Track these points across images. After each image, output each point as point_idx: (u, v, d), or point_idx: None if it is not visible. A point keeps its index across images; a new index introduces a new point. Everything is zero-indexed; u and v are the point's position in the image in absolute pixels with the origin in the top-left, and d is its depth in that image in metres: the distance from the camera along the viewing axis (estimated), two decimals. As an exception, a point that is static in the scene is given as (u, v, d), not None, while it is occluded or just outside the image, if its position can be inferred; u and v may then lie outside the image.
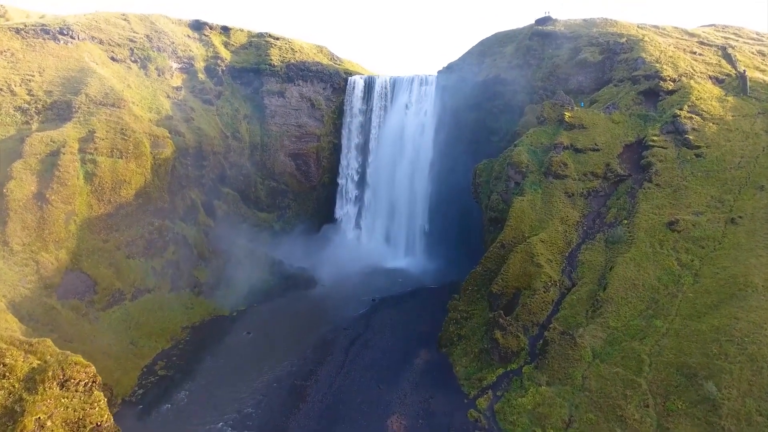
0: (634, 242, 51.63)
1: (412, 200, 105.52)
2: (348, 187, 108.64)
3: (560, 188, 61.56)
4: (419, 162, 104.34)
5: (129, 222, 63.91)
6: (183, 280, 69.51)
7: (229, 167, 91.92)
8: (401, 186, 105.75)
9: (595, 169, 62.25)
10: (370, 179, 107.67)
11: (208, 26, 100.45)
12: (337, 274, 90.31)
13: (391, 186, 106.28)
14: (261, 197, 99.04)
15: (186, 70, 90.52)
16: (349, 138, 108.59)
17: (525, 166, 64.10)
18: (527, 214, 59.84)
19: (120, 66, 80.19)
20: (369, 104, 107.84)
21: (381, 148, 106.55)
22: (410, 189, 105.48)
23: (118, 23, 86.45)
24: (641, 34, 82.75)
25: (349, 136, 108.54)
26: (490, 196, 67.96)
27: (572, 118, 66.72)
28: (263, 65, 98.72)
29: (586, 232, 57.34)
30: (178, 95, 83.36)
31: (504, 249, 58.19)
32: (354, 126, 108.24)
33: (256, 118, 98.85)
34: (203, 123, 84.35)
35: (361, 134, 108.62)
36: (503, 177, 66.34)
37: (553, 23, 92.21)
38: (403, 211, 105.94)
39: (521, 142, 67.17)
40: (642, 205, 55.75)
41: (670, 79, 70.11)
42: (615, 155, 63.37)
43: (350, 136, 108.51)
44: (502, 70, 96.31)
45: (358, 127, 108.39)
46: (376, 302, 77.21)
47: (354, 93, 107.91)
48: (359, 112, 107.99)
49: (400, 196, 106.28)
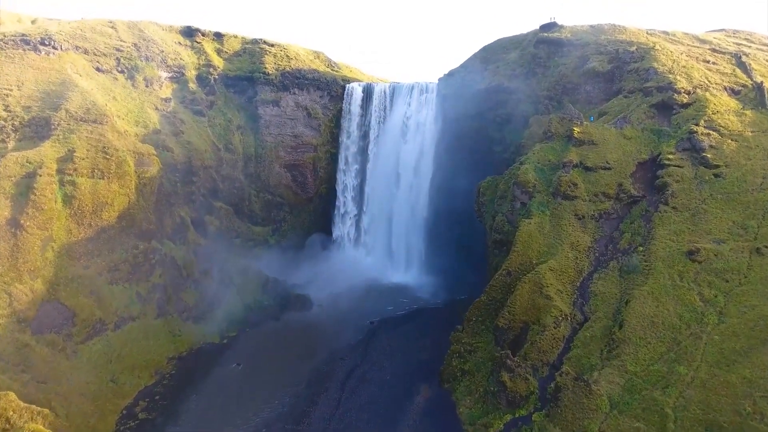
0: (652, 273, 47.90)
1: (412, 212, 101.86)
2: (345, 199, 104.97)
3: (570, 210, 57.83)
4: (420, 172, 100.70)
5: (112, 246, 60.25)
6: (171, 304, 65.86)
7: (222, 180, 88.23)
8: (401, 197, 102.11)
9: (606, 189, 58.51)
10: (369, 189, 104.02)
11: (200, 33, 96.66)
12: (333, 291, 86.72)
13: (391, 197, 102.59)
14: (255, 210, 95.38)
15: (176, 79, 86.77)
16: (347, 147, 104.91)
17: (532, 185, 60.37)
18: (535, 239, 56.12)
19: (106, 77, 76.41)
20: (367, 112, 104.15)
21: (380, 157, 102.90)
22: (410, 200, 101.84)
23: (104, 31, 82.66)
24: (651, 42, 78.91)
25: (347, 146, 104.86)
26: (494, 216, 64.23)
27: (581, 134, 62.96)
28: (257, 73, 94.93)
29: (599, 260, 53.63)
30: (167, 107, 79.58)
31: (510, 277, 54.48)
32: (352, 135, 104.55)
33: (250, 129, 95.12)
34: (193, 136, 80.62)
35: (359, 144, 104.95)
36: (509, 197, 62.63)
37: (559, 30, 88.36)
38: (403, 223, 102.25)
39: (528, 159, 63.41)
40: (658, 230, 52.03)
41: (685, 91, 66.34)
42: (628, 174, 59.62)
43: (348, 146, 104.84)
44: (506, 79, 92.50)
45: (356, 137, 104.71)
46: (375, 325, 73.60)
47: (352, 101, 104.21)
48: (357, 120, 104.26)
49: (399, 208, 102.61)
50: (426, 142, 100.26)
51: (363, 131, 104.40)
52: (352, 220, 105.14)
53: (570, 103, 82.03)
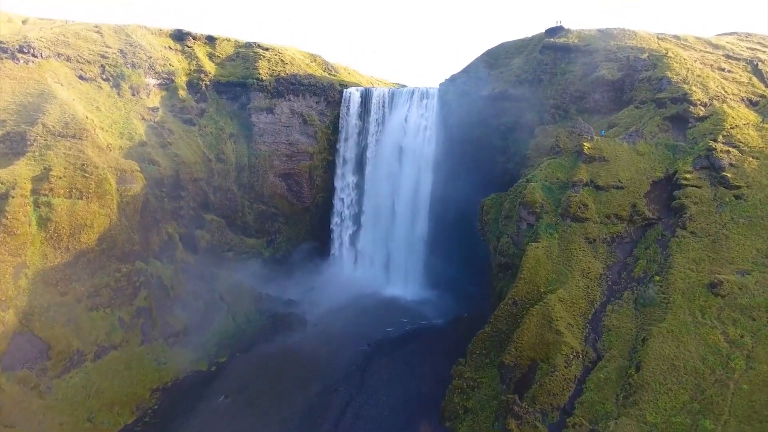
0: (671, 308, 44.22)
1: (412, 222, 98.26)
2: (343, 209, 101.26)
3: (580, 233, 54.08)
4: (420, 180, 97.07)
5: (92, 270, 56.59)
6: (156, 329, 62.31)
7: (213, 192, 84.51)
8: (400, 207, 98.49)
9: (619, 210, 54.74)
10: (367, 198, 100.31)
11: (191, 36, 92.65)
12: (330, 307, 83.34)
13: (390, 206, 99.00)
14: (249, 222, 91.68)
15: (165, 86, 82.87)
16: (344, 155, 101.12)
17: (539, 205, 56.58)
18: (543, 265, 52.40)
19: (89, 86, 72.53)
20: (366, 118, 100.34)
21: (379, 165, 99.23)
22: (410, 210, 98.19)
23: (89, 37, 78.71)
24: (664, 48, 74.91)
25: (344, 154, 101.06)
26: (499, 237, 60.47)
27: (592, 150, 59.13)
28: (251, 79, 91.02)
29: (612, 289, 49.93)
30: (155, 117, 75.73)
31: (516, 307, 50.80)
32: (350, 142, 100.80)
33: (243, 137, 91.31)
34: (182, 147, 76.82)
35: (357, 151, 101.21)
36: (514, 217, 58.85)
37: (566, 35, 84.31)
38: (403, 234, 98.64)
39: (534, 177, 59.58)
40: (676, 258, 48.30)
41: (701, 104, 62.51)
42: (641, 194, 55.82)
43: (346, 154, 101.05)
44: (510, 85, 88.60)
45: (354, 144, 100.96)
46: (372, 348, 70.05)
47: (350, 106, 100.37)
48: (355, 127, 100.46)
49: (399, 218, 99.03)
50: (427, 149, 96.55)
51: (361, 138, 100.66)
52: (349, 230, 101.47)
53: (577, 112, 78.26)
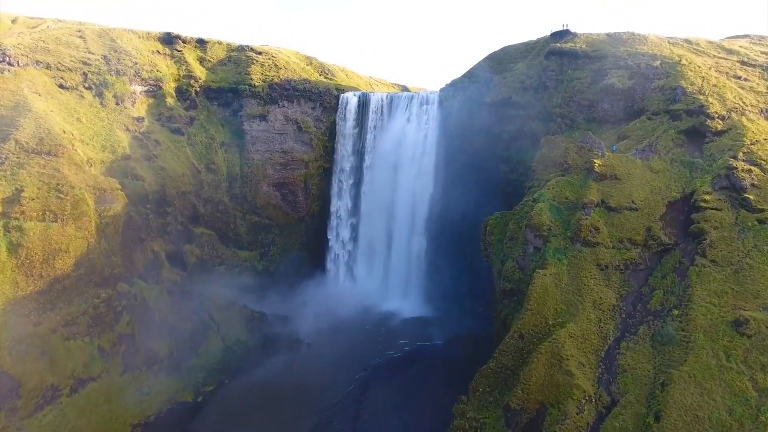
0: (692, 348, 40.58)
1: (411, 234, 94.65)
2: (339, 220, 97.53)
3: (591, 259, 50.38)
4: (419, 190, 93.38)
5: (68, 297, 52.95)
6: (139, 356, 58.74)
7: (203, 204, 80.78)
8: (399, 217, 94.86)
9: (632, 234, 50.99)
10: (365, 209, 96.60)
11: (180, 40, 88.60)
12: (326, 324, 79.76)
13: (389, 217, 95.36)
14: (241, 234, 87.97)
15: (152, 93, 78.94)
16: (341, 163, 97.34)
17: (546, 228, 52.82)
18: (551, 294, 48.71)
19: (70, 95, 68.64)
20: (363, 124, 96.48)
21: (377, 174, 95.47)
22: (409, 220, 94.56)
23: (71, 42, 74.70)
24: (677, 55, 70.94)
25: (341, 162, 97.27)
26: (503, 261, 56.74)
27: (603, 167, 55.31)
28: (243, 85, 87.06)
29: (626, 322, 46.27)
30: (140, 127, 71.86)
31: (523, 341, 47.15)
32: (347, 150, 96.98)
33: (234, 146, 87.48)
34: (169, 159, 73.00)
35: (354, 159, 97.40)
36: (520, 239, 55.12)
37: (573, 39, 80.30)
38: (402, 246, 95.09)
39: (542, 196, 55.76)
40: (696, 290, 44.62)
41: (718, 117, 58.67)
42: (657, 216, 52.05)
43: (342, 162, 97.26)
44: (514, 92, 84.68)
45: (351, 151, 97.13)
46: (369, 372, 66.55)
47: (346, 112, 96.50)
48: (352, 134, 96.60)
49: (398, 229, 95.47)
50: (427, 157, 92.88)
51: (358, 145, 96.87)
52: (346, 241, 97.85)
53: (585, 122, 74.46)
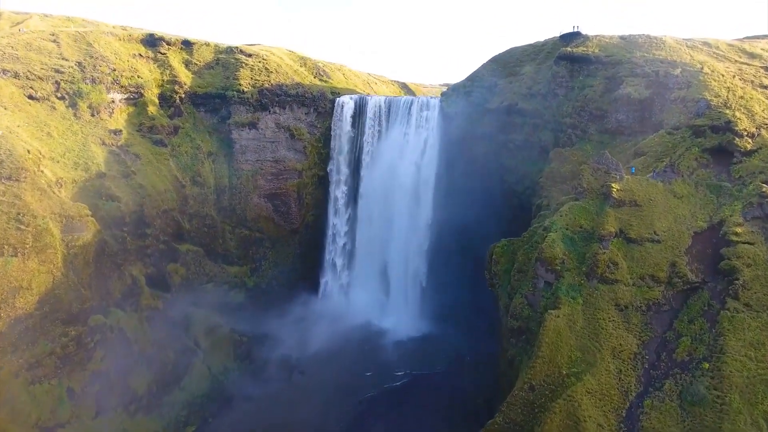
0: (726, 412, 35.80)
1: (410, 247, 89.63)
2: (335, 231, 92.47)
3: (609, 298, 45.39)
4: (420, 200, 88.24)
5: (31, 337, 48.09)
6: (114, 395, 54.05)
7: (188, 220, 75.74)
8: (398, 229, 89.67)
9: (655, 270, 45.95)
10: (362, 222, 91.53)
11: (164, 42, 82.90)
12: (320, 347, 75.22)
13: (387, 230, 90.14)
14: (230, 249, 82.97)
15: (132, 101, 73.56)
16: (337, 171, 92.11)
17: (560, 262, 47.67)
18: (565, 339, 43.78)
19: (41, 107, 63.31)
20: (360, 130, 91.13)
21: (375, 182, 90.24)
22: (409, 233, 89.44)
23: (43, 48, 69.18)
24: (698, 62, 65.32)
25: (337, 170, 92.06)
26: (511, 295, 51.67)
27: (621, 193, 50.06)
28: (231, 91, 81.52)
29: (649, 374, 41.41)
30: (117, 140, 66.61)
31: (534, 393, 42.30)
32: (342, 157, 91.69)
33: (223, 155, 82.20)
34: (150, 174, 67.85)
35: (350, 166, 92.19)
36: (530, 273, 50.03)
37: (584, 43, 74.55)
38: (401, 262, 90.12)
39: (554, 225, 50.52)
40: (729, 339, 39.75)
41: (747, 134, 53.40)
42: (682, 250, 46.96)
43: (338, 169, 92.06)
44: (521, 98, 79.36)
45: (347, 158, 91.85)
46: (364, 405, 62.05)
47: (342, 117, 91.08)
48: (348, 139, 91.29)
49: (396, 243, 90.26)
50: (427, 165, 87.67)
51: (355, 152, 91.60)
52: (342, 254, 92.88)
53: (597, 133, 69.20)
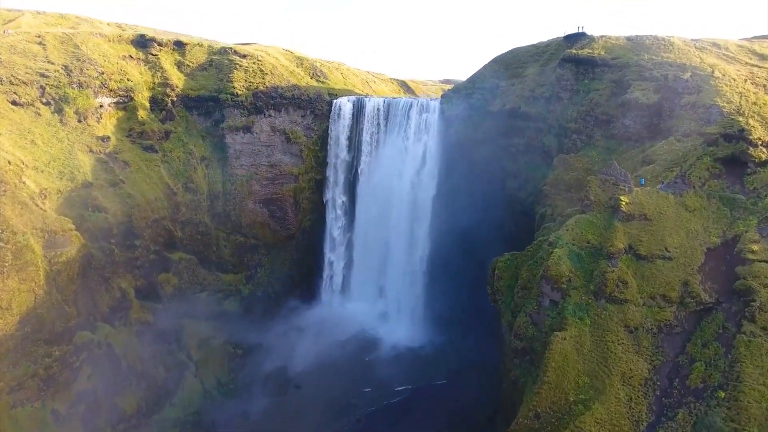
0: (746, 447, 33.68)
1: (410, 252, 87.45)
2: (333, 236, 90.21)
3: (618, 319, 43.13)
4: (419, 205, 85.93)
5: (13, 360, 45.90)
6: (102, 416, 52.02)
7: (181, 227, 73.43)
8: (397, 235, 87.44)
9: (666, 290, 43.68)
10: (359, 227, 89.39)
11: (155, 43, 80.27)
12: (317, 359, 73.23)
13: (386, 235, 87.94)
14: (225, 256, 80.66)
15: (122, 105, 71.09)
16: (334, 176, 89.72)
17: (566, 280, 45.41)
18: (572, 363, 41.59)
19: (25, 113, 60.83)
20: (358, 133, 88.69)
21: (374, 186, 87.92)
22: (409, 238, 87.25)
23: (29, 50, 66.64)
24: (708, 65, 62.89)
25: (334, 174, 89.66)
26: (514, 313, 49.40)
27: (631, 206, 47.74)
28: (224, 94, 78.93)
29: (661, 402, 39.23)
30: (106, 147, 64.18)
31: (539, 421, 40.16)
32: (340, 160, 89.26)
33: (216, 160, 79.79)
34: (140, 181, 65.51)
35: (348, 170, 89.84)
36: (534, 290, 47.71)
37: (590, 44, 72.02)
38: (400, 265, 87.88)
39: (559, 240, 48.16)
40: (746, 367, 37.55)
41: (762, 144, 50.94)
42: (694, 267, 44.66)
43: (336, 174, 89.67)
44: (524, 101, 76.91)
45: (344, 162, 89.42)
46: (362, 424, 60.02)
47: (340, 120, 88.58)
48: (346, 143, 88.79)
49: (395, 246, 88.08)
50: (427, 170, 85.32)
51: (353, 156, 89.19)
52: (340, 259, 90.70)
53: (603, 138, 67.02)
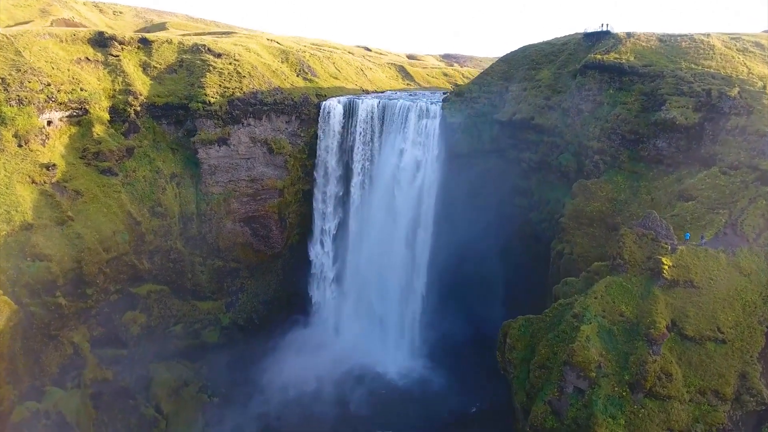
0: None
1: (407, 271, 79.14)
2: (322, 256, 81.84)
3: (659, 419, 35.18)
4: (418, 222, 77.28)
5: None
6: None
7: (148, 258, 64.92)
8: (394, 253, 78.76)
9: (719, 383, 35.61)
10: (353, 245, 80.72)
11: (116, 42, 69.88)
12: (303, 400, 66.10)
13: (381, 252, 79.25)
14: (202, 283, 72.33)
15: (75, 120, 61.55)
16: (324, 188, 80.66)
17: (595, 366, 37.19)
18: (604, 480, 33.85)
19: (-49, 140, 51.63)
20: (350, 139, 79.30)
21: (367, 199, 79.25)
22: (406, 257, 78.76)
23: (-44, 60, 56.81)
24: (757, 77, 53.21)
25: (323, 186, 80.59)
26: (530, 394, 41.12)
27: (674, 270, 39.10)
28: (195, 102, 69.11)
29: None
30: (52, 176, 54.90)
31: None
32: (330, 171, 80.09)
33: (188, 177, 70.65)
34: (94, 216, 56.60)
35: (339, 182, 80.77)
36: (555, 374, 39.42)
37: (616, 47, 61.93)
38: (396, 287, 79.68)
39: (586, 313, 39.53)
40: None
41: (832, 186, 42.13)
42: (754, 354, 36.52)
43: (325, 186, 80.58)
44: (537, 111, 67.50)
45: (335, 173, 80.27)
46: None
47: (329, 124, 79.08)
48: (337, 152, 79.50)
49: (391, 266, 79.53)
50: (427, 181, 76.23)
51: (344, 167, 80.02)
52: (330, 281, 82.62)
53: (630, 160, 58.30)
